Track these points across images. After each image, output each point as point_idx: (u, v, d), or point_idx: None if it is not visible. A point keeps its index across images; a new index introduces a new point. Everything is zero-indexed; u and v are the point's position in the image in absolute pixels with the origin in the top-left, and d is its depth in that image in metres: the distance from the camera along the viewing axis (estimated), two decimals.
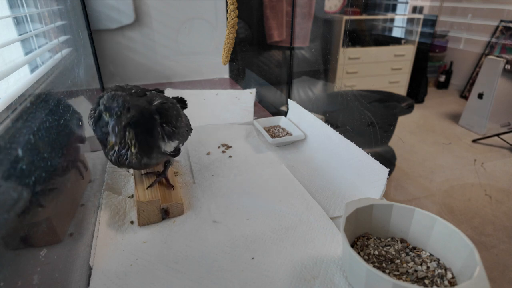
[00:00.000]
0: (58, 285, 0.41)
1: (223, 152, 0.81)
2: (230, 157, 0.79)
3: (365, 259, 0.45)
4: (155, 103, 0.56)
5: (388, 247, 0.47)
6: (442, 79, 2.36)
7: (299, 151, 0.82)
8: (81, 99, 0.75)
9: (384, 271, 0.43)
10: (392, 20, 2.23)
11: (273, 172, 0.72)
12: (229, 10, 0.78)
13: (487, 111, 1.73)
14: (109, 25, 1.16)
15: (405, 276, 0.42)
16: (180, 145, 0.60)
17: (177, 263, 0.48)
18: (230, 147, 0.83)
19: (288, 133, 0.88)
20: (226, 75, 1.42)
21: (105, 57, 1.20)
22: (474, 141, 1.68)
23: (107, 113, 0.47)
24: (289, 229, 0.55)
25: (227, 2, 0.77)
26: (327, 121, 0.83)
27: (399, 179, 1.40)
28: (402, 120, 1.56)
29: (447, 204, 1.21)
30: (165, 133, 0.55)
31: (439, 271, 0.42)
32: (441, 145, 1.68)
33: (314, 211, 0.59)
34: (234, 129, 0.92)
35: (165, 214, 0.57)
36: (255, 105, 1.11)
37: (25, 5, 0.64)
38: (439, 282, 0.41)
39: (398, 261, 0.45)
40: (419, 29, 2.14)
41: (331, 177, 0.70)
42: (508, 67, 1.68)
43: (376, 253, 0.46)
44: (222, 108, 1.08)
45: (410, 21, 2.18)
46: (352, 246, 0.48)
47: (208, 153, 0.80)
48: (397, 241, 0.48)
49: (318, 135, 0.81)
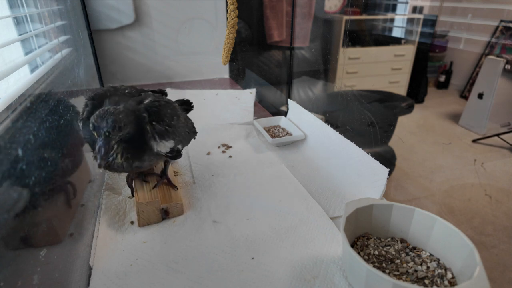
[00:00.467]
0: (58, 285, 0.41)
1: (223, 152, 0.81)
2: (230, 157, 0.79)
3: (365, 259, 0.45)
4: (145, 101, 0.54)
5: (388, 247, 0.47)
6: (442, 79, 2.36)
7: (299, 151, 0.82)
8: (81, 99, 0.75)
9: (384, 271, 0.43)
10: (392, 20, 2.23)
11: (273, 172, 0.72)
12: (229, 10, 0.78)
13: (487, 111, 1.73)
14: (109, 25, 1.16)
15: (405, 276, 0.42)
16: (179, 146, 0.57)
17: (177, 263, 0.48)
18: (230, 147, 0.83)
19: (288, 133, 0.88)
20: (226, 75, 1.42)
21: (105, 57, 1.20)
22: (474, 141, 1.68)
23: (95, 133, 0.46)
24: (289, 229, 0.55)
25: (227, 2, 0.77)
26: (327, 121, 0.83)
27: (399, 179, 1.40)
28: (402, 120, 1.56)
29: (447, 204, 1.21)
30: (156, 131, 0.52)
31: (439, 271, 0.42)
32: (441, 145, 1.68)
33: (314, 211, 0.59)
34: (234, 129, 0.92)
35: (165, 214, 0.57)
36: (255, 105, 1.11)
37: (25, 5, 0.64)
38: (439, 282, 0.41)
39: (398, 261, 0.45)
40: (419, 29, 2.14)
41: (331, 177, 0.70)
42: (508, 67, 1.68)
43: (376, 253, 0.46)
44: (222, 108, 1.08)
45: (410, 21, 2.18)
46: (352, 246, 0.48)
47: (208, 153, 0.80)
48: (397, 241, 0.48)
49: (318, 135, 0.81)
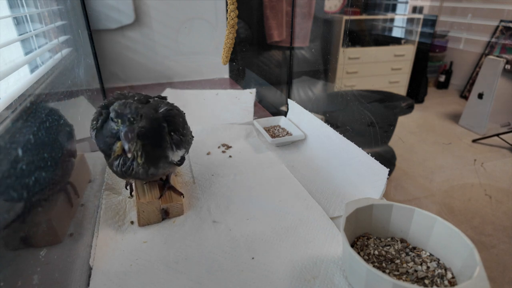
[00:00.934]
0: (58, 285, 0.41)
1: (223, 152, 0.81)
2: (230, 157, 0.79)
3: (365, 259, 0.45)
4: (161, 110, 0.54)
5: (388, 247, 0.47)
6: (442, 79, 2.36)
7: (299, 151, 0.82)
8: (81, 99, 0.75)
9: (384, 271, 0.43)
10: (392, 20, 2.23)
11: (273, 172, 0.72)
12: (229, 10, 0.78)
13: (487, 111, 1.73)
14: (109, 25, 1.16)
15: (405, 276, 0.42)
16: (185, 154, 0.58)
17: (177, 263, 0.48)
18: (230, 147, 0.83)
19: (288, 133, 0.88)
20: (226, 75, 1.42)
21: (105, 57, 1.20)
22: (474, 141, 1.68)
23: (119, 120, 0.45)
24: (289, 229, 0.55)
25: (227, 2, 0.77)
26: (327, 121, 0.83)
27: (399, 179, 1.40)
28: (402, 120, 1.56)
29: (447, 204, 1.21)
30: (174, 142, 0.53)
31: (439, 271, 0.42)
32: (441, 145, 1.68)
33: (314, 211, 0.59)
34: (234, 129, 0.92)
35: (165, 214, 0.57)
36: (255, 105, 1.11)
37: (25, 5, 0.64)
38: (439, 282, 0.41)
39: (398, 261, 0.45)
40: (419, 29, 2.14)
41: (331, 177, 0.70)
42: (508, 67, 1.68)
43: (376, 253, 0.46)
44: (222, 108, 1.08)
45: (410, 21, 2.18)
46: (352, 246, 0.48)
47: (208, 153, 0.80)
48: (397, 241, 0.48)
49: (318, 135, 0.81)
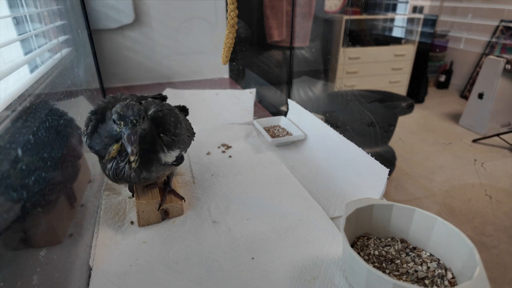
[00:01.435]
0: (57, 285, 0.41)
1: (223, 152, 0.81)
2: (230, 157, 0.78)
3: (365, 259, 0.45)
4: (149, 112, 0.52)
5: (388, 247, 0.47)
6: (442, 79, 2.35)
7: (299, 151, 0.82)
8: (80, 99, 0.75)
9: (384, 271, 0.43)
10: (392, 19, 2.23)
11: (273, 172, 0.72)
12: (229, 9, 0.77)
13: (488, 111, 1.72)
14: (109, 25, 1.16)
15: (405, 276, 0.42)
16: (182, 153, 0.57)
17: (177, 264, 0.48)
18: (230, 147, 0.83)
19: (288, 133, 0.88)
20: (226, 75, 1.42)
21: (104, 57, 1.20)
22: (474, 141, 1.67)
23: (122, 122, 0.44)
24: (289, 229, 0.55)
25: (227, 1, 0.77)
26: (327, 121, 0.83)
27: (399, 179, 1.40)
28: (402, 120, 1.56)
29: (447, 204, 1.21)
30: (164, 143, 0.51)
31: (439, 271, 0.42)
32: (441, 145, 1.68)
33: (314, 211, 0.59)
34: (234, 129, 0.92)
35: (165, 214, 0.57)
36: (255, 105, 1.11)
37: (24, 5, 0.64)
38: (439, 282, 0.41)
39: (398, 261, 0.45)
40: (419, 29, 2.13)
41: (331, 177, 0.70)
42: (508, 67, 1.68)
43: (376, 253, 0.46)
44: (222, 108, 1.08)
45: (410, 21, 2.18)
46: (352, 246, 0.47)
47: (208, 153, 0.80)
48: (397, 241, 0.48)
49: (318, 135, 0.81)
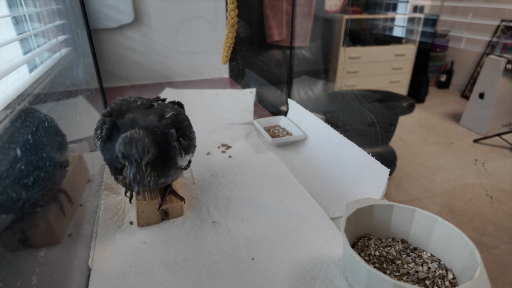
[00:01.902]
0: (57, 286, 0.41)
1: (223, 152, 0.81)
2: (230, 157, 0.78)
3: (365, 260, 0.45)
4: (167, 115, 0.52)
5: (389, 248, 0.47)
6: (443, 78, 2.35)
7: (299, 151, 0.82)
8: (80, 99, 0.75)
9: (384, 272, 0.43)
10: (392, 19, 2.23)
11: (273, 172, 0.71)
12: (228, 9, 0.77)
13: (488, 111, 1.72)
14: (108, 25, 1.16)
15: (406, 277, 0.42)
16: (192, 157, 0.57)
17: (176, 264, 0.48)
18: (230, 147, 0.83)
19: (288, 133, 0.87)
20: (226, 74, 1.42)
21: (104, 57, 1.19)
22: (475, 141, 1.67)
23: (126, 161, 0.44)
24: (289, 229, 0.55)
25: (226, 1, 0.77)
26: (327, 121, 0.83)
27: (400, 179, 1.39)
28: (403, 120, 1.55)
29: (448, 204, 1.21)
30: (182, 147, 0.52)
31: (440, 271, 0.42)
32: (442, 145, 1.68)
33: (314, 211, 0.59)
34: (234, 129, 0.92)
35: (165, 215, 0.57)
36: (255, 105, 1.11)
37: (24, 4, 0.64)
38: (440, 283, 0.41)
39: (399, 262, 0.44)
40: (420, 29, 2.13)
41: (332, 177, 0.70)
42: (509, 66, 1.67)
43: (376, 253, 0.46)
44: (222, 108, 1.08)
45: (410, 20, 2.17)
46: (352, 246, 0.47)
47: (208, 153, 0.80)
48: (398, 242, 0.48)
49: (318, 135, 0.81)
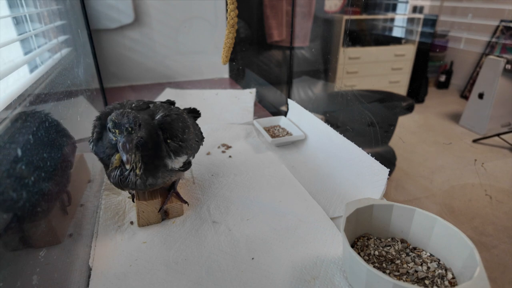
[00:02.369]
0: (57, 285, 0.41)
1: (223, 152, 0.81)
2: (230, 157, 0.78)
3: (365, 260, 0.45)
4: (157, 117, 0.51)
5: (388, 248, 0.47)
6: (442, 79, 2.35)
7: (299, 151, 0.82)
8: (80, 99, 0.75)
9: (384, 272, 0.43)
10: (392, 19, 2.23)
11: (273, 172, 0.72)
12: (229, 9, 0.77)
13: (488, 111, 1.72)
14: (109, 25, 1.16)
15: (405, 276, 0.42)
16: (190, 158, 0.56)
17: (176, 264, 0.48)
18: (230, 147, 0.83)
19: (288, 133, 0.87)
20: (226, 75, 1.42)
21: (104, 57, 1.20)
22: (474, 141, 1.67)
23: (117, 130, 0.43)
24: (289, 229, 0.55)
25: (226, 1, 0.77)
26: (327, 121, 0.83)
27: (399, 179, 1.40)
28: (402, 120, 1.56)
29: (447, 204, 1.21)
30: (171, 149, 0.50)
31: (440, 271, 0.42)
32: (441, 145, 1.68)
33: (314, 211, 0.59)
34: (234, 129, 0.92)
35: (165, 215, 0.57)
36: (255, 105, 1.11)
37: (24, 5, 0.64)
38: (439, 282, 0.41)
39: (398, 262, 0.45)
40: (420, 29, 2.13)
41: (331, 177, 0.70)
42: (508, 67, 1.67)
43: (376, 253, 0.46)
44: (222, 108, 1.08)
45: (410, 20, 2.18)
46: (352, 246, 0.47)
47: (208, 153, 0.80)
48: (398, 242, 0.48)
49: (318, 135, 0.81)
